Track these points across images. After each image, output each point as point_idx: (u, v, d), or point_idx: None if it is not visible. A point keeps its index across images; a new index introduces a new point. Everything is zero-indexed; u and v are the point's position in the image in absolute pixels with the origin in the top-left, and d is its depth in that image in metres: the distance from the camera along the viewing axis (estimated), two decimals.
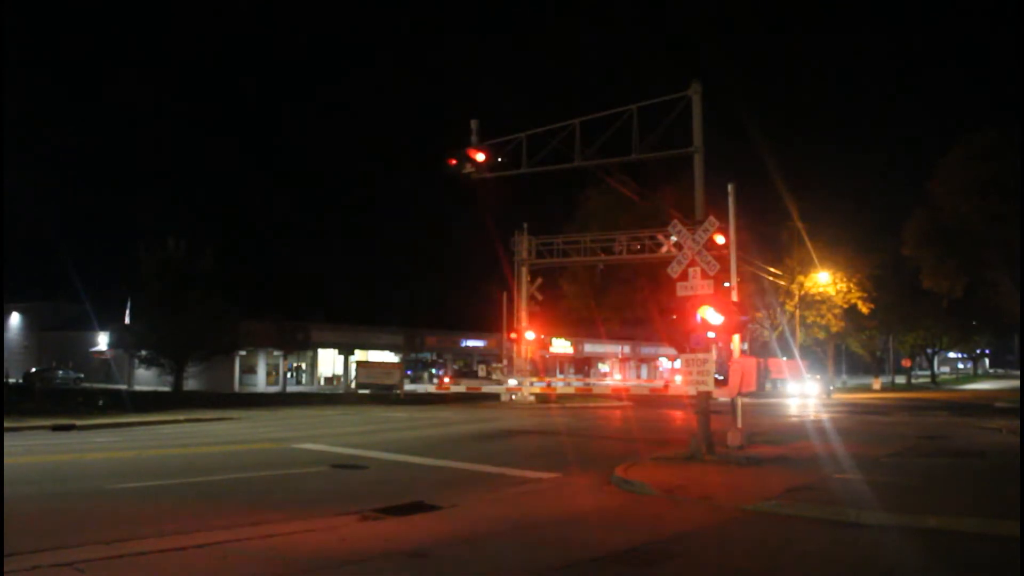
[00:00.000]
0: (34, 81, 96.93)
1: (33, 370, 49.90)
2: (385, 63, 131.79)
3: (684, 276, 14.04)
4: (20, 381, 46.52)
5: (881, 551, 7.72)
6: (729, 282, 15.69)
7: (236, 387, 45.87)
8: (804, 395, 44.58)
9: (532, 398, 36.56)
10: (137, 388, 45.39)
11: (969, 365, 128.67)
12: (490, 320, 45.85)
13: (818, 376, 54.67)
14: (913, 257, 43.09)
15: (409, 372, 51.50)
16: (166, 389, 39.04)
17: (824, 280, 50.10)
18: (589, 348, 66.53)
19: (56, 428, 20.71)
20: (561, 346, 60.47)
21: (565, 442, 19.08)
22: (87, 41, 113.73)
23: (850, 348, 75.47)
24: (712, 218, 14.43)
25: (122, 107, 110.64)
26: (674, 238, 14.96)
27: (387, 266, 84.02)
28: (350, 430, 21.65)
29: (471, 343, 59.29)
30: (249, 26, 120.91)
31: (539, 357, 40.55)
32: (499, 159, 21.10)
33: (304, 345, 49.23)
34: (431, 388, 44.71)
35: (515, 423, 24.57)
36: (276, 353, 48.78)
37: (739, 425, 15.60)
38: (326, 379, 52.62)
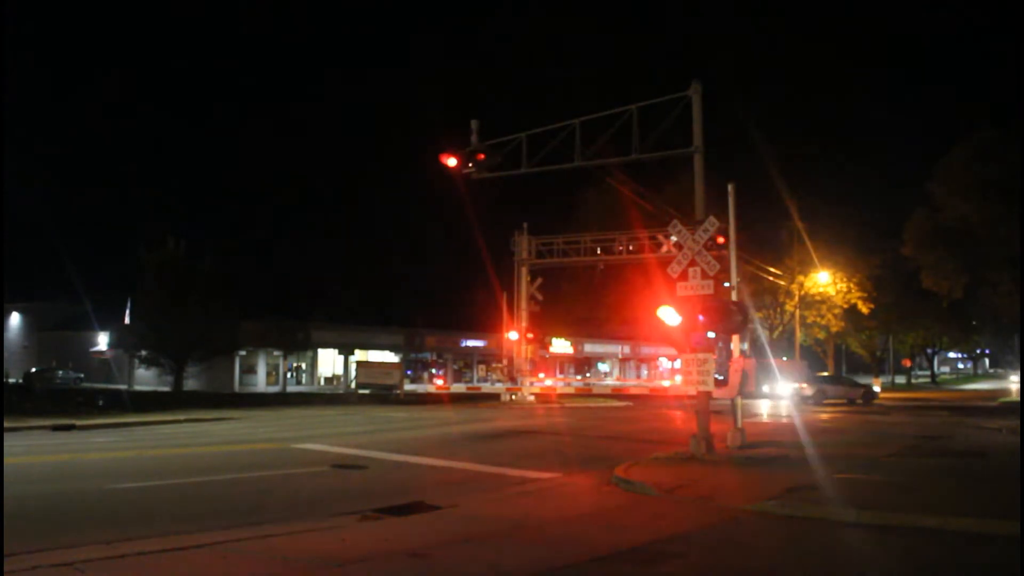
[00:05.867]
0: (34, 80, 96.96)
1: (33, 370, 49.93)
2: (385, 62, 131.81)
3: (684, 276, 14.03)
4: (20, 381, 46.59)
5: (881, 551, 7.71)
6: (729, 282, 15.70)
7: (236, 387, 45.84)
8: (775, 396, 38.12)
9: (532, 398, 36.56)
10: (137, 388, 45.42)
11: (969, 365, 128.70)
12: (490, 320, 45.85)
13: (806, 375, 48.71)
14: (913, 257, 43.10)
15: (409, 372, 51.47)
16: (166, 389, 39.05)
17: (824, 280, 50.09)
18: (589, 348, 66.52)
19: (56, 428, 20.73)
20: (561, 346, 60.43)
21: (565, 442, 19.08)
22: (87, 41, 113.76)
23: (850, 348, 75.42)
24: (712, 218, 14.43)
25: (122, 107, 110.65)
26: (674, 238, 14.95)
27: (387, 266, 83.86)
28: (350, 430, 21.65)
29: (471, 343, 59.25)
30: (249, 24, 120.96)
31: (539, 357, 40.53)
32: (499, 159, 21.06)
33: (304, 345, 49.19)
34: (431, 388, 44.73)
35: (515, 423, 24.57)
36: (276, 353, 48.75)
37: (739, 425, 15.62)
38: (326, 379, 52.60)
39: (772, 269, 45.80)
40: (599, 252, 38.01)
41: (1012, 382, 72.24)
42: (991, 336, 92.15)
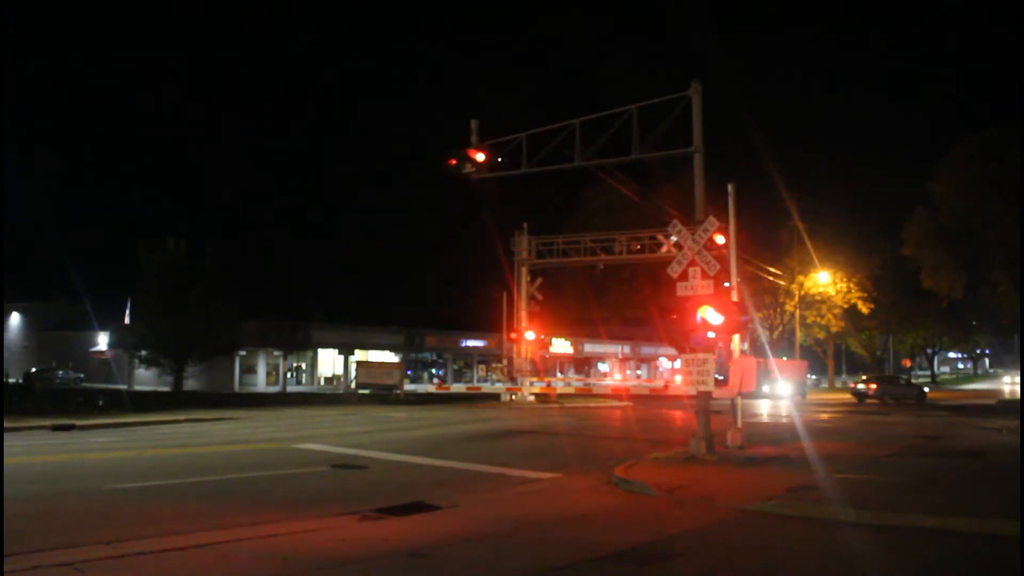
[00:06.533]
0: (34, 80, 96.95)
1: (33, 370, 49.91)
2: (385, 62, 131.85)
3: (684, 276, 14.02)
4: (20, 381, 46.56)
5: (881, 551, 7.71)
6: (729, 282, 15.68)
7: (236, 387, 45.85)
8: (775, 396, 38.85)
9: (532, 398, 36.55)
10: (137, 388, 45.40)
11: (969, 365, 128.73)
12: (490, 320, 45.85)
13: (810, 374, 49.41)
14: (913, 257, 43.12)
15: (409, 372, 51.46)
16: (166, 389, 39.04)
17: (824, 280, 50.14)
18: (589, 348, 66.50)
19: (56, 428, 20.71)
20: (561, 346, 60.42)
21: (565, 442, 19.07)
22: (87, 41, 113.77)
23: (850, 348, 75.48)
24: (712, 218, 14.42)
25: (123, 106, 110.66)
26: (674, 238, 14.96)
27: (387, 266, 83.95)
28: (350, 430, 21.64)
29: (471, 343, 59.25)
30: (249, 24, 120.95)
31: (539, 357, 40.51)
32: (499, 159, 21.05)
33: (304, 345, 49.19)
34: (431, 388, 44.65)
35: (515, 423, 24.56)
36: (276, 353, 48.74)
37: (739, 425, 15.61)
38: (326, 379, 52.60)
39: (772, 269, 45.83)
40: (599, 252, 38.03)
41: (1006, 383, 72.33)
42: (991, 336, 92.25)
